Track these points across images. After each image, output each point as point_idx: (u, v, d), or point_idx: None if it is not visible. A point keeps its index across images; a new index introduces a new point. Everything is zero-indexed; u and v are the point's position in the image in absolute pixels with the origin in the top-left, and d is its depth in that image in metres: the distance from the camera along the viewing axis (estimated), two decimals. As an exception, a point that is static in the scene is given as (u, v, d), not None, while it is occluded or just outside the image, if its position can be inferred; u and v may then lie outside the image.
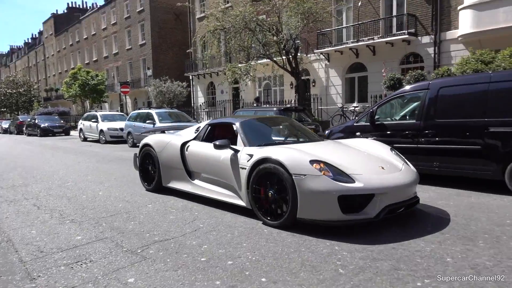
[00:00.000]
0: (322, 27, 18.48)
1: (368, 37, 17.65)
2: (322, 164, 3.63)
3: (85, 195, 5.90)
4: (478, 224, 3.90)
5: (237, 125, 4.84)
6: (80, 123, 21.03)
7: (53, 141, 20.26)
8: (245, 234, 3.74)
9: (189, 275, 2.82)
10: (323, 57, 19.99)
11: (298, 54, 16.66)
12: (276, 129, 5.60)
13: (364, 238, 3.51)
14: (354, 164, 3.91)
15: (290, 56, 15.83)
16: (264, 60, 17.51)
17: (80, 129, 20.65)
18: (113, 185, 6.63)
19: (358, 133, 7.06)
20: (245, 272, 2.85)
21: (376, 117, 6.89)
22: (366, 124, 6.99)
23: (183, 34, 32.26)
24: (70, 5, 55.35)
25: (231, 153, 4.43)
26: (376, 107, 6.98)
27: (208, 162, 4.83)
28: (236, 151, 4.39)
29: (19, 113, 44.08)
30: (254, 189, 4.03)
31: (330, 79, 20.26)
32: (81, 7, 55.33)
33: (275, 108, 11.44)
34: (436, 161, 5.95)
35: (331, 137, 7.38)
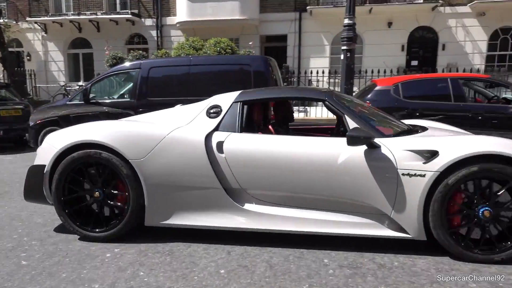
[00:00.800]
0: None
1: (91, 12, 16.65)
2: None
3: None
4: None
5: (331, 104, 2.99)
6: None
7: None
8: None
9: None
10: (39, 28, 17.48)
11: (1, 19, 13.85)
12: None
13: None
14: None
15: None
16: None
17: None
18: None
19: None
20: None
21: (92, 95, 6.57)
22: (80, 103, 6.55)
23: None
24: None
25: (373, 150, 2.69)
26: (90, 85, 6.64)
27: (296, 170, 2.81)
28: (377, 147, 2.70)
29: None
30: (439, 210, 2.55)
31: (50, 54, 18.00)
32: None
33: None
34: None
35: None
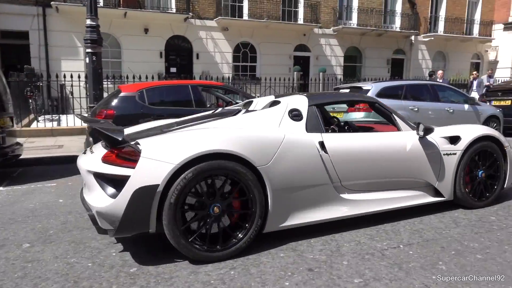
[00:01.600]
0: None
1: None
2: None
3: None
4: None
5: (381, 105, 3.94)
6: None
7: None
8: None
9: None
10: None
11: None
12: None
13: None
14: None
15: None
16: None
17: None
18: None
19: None
20: None
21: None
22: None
23: None
24: None
25: (425, 139, 3.74)
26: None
27: (377, 160, 3.51)
28: (424, 136, 3.75)
29: None
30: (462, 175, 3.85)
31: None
32: None
33: None
34: None
35: None
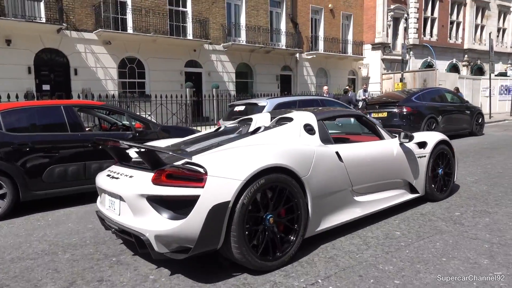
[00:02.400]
0: None
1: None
2: None
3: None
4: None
5: (368, 118, 4.68)
6: None
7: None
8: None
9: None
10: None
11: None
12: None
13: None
14: None
15: None
16: None
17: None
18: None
19: None
20: None
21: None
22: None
23: None
24: None
25: (404, 145, 4.42)
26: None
27: (376, 166, 4.11)
28: (403, 142, 4.45)
29: None
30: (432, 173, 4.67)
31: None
32: None
33: None
34: None
35: None
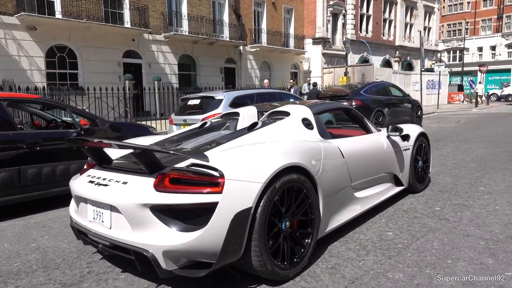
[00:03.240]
0: None
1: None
2: None
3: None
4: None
5: (355, 111, 4.53)
6: None
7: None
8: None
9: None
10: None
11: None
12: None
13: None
14: None
15: None
16: None
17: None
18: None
19: None
20: None
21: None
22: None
23: None
24: None
25: (391, 138, 4.32)
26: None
27: (369, 160, 3.92)
28: (393, 135, 4.35)
29: None
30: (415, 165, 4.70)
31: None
32: None
33: None
34: None
35: None
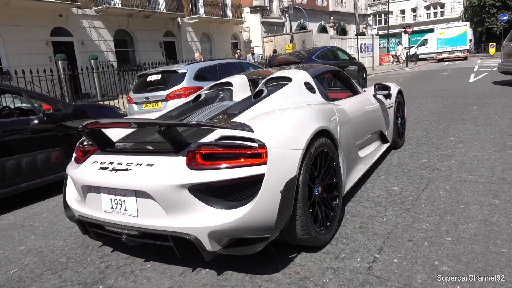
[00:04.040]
0: None
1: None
2: None
3: None
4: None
5: (343, 73, 4.57)
6: None
7: None
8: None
9: None
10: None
11: None
12: None
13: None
14: None
15: None
16: None
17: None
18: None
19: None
20: None
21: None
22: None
23: None
24: None
25: (377, 97, 4.47)
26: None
27: (367, 119, 4.06)
28: (382, 93, 4.54)
29: None
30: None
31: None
32: None
33: None
34: None
35: None
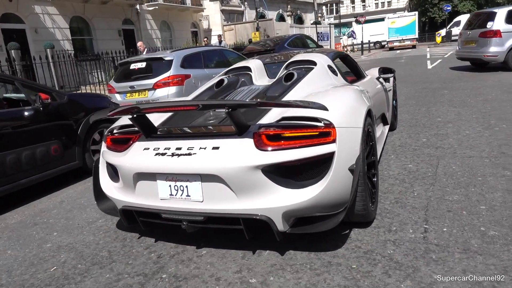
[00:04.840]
0: None
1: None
2: None
3: None
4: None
5: (350, 57, 4.72)
6: None
7: None
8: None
9: None
10: None
11: None
12: None
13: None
14: None
15: None
16: None
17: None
18: None
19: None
20: None
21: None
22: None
23: None
24: None
25: (380, 80, 4.55)
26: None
27: (379, 102, 4.17)
28: (388, 77, 4.63)
29: None
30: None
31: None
32: None
33: None
34: None
35: None
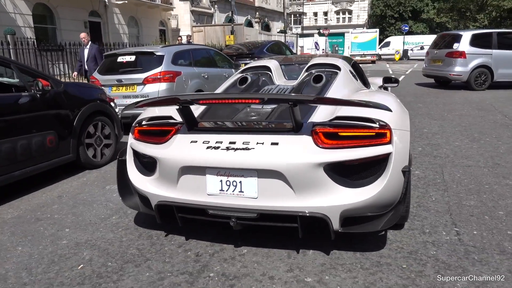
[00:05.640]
0: None
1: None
2: None
3: None
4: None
5: (357, 64, 4.96)
6: None
7: None
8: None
9: None
10: None
11: None
12: None
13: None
14: None
15: None
16: None
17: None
18: None
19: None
20: None
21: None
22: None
23: None
24: None
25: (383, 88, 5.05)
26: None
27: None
28: (392, 86, 5.30)
29: None
30: None
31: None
32: None
33: None
34: None
35: None
